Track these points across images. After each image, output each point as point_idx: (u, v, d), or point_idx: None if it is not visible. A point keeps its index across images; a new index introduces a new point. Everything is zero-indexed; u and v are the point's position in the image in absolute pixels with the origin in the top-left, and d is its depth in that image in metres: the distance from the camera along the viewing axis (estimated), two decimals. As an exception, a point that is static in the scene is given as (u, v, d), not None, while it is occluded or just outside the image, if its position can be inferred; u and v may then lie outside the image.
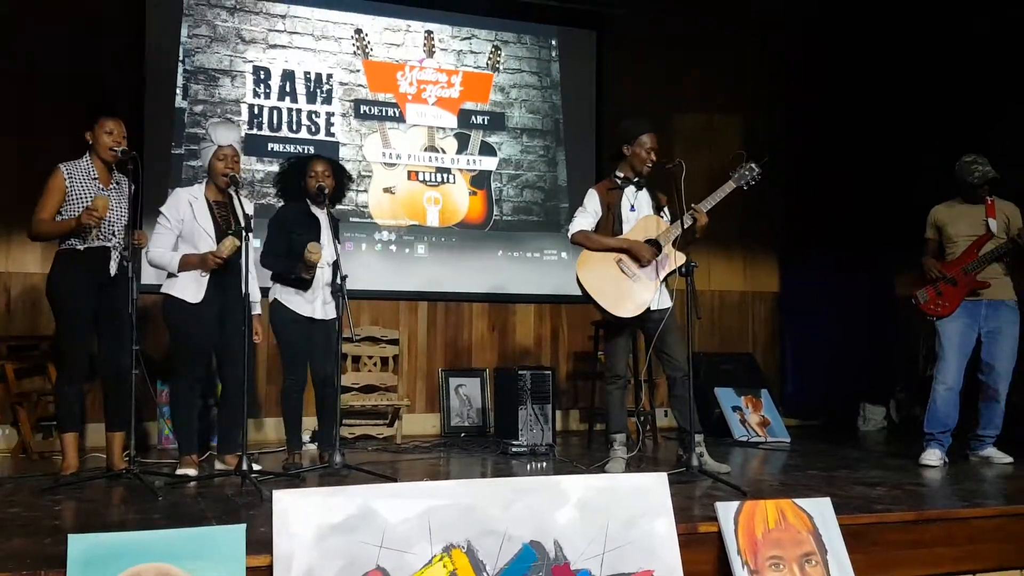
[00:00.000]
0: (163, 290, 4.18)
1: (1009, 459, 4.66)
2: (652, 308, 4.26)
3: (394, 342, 6.04)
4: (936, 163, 5.05)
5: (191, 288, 4.11)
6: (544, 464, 4.78)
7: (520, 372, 5.43)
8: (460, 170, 6.52)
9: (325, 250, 4.34)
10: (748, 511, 3.04)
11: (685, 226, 4.16)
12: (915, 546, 3.28)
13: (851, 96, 6.75)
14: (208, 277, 4.12)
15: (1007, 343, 4.67)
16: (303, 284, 4.33)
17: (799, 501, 3.14)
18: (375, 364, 5.94)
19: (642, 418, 5.46)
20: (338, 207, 4.85)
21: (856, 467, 4.63)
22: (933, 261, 4.81)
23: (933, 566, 3.30)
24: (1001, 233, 4.69)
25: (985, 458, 4.73)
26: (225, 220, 4.20)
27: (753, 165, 4.27)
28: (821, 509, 3.13)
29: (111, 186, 4.11)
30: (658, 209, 4.42)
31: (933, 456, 4.65)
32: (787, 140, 6.86)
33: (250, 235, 4.02)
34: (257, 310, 4.37)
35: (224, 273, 4.12)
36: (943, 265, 4.77)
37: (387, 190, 6.32)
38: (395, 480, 3.89)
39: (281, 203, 4.67)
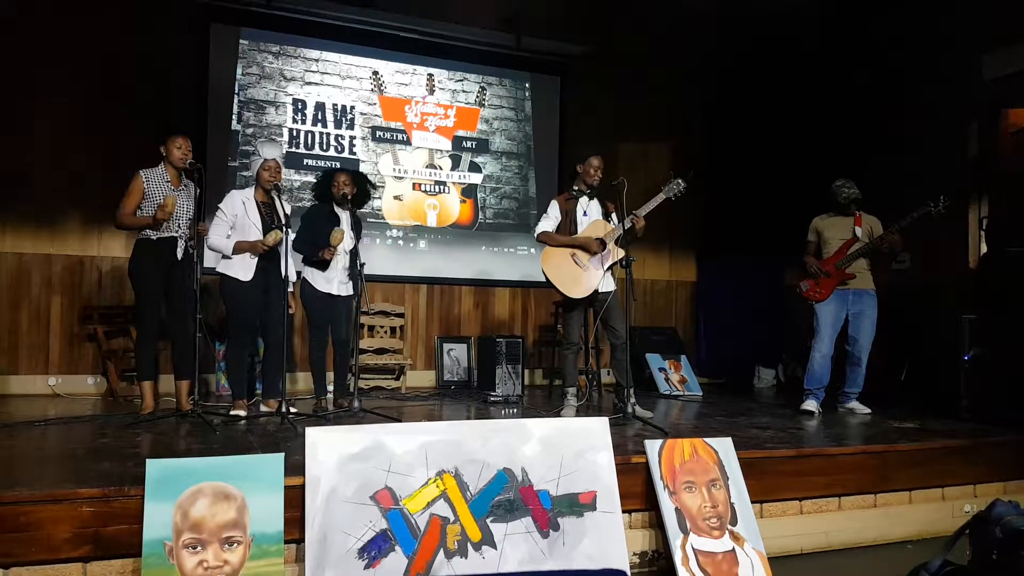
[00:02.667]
0: (219, 270, 4.13)
1: (868, 411, 4.71)
2: (599, 291, 4.27)
3: (400, 315, 6.02)
4: (817, 184, 5.09)
5: (243, 269, 4.09)
6: (515, 410, 4.80)
7: (497, 339, 5.43)
8: (453, 183, 6.49)
9: (342, 245, 4.32)
10: (669, 447, 3.07)
11: (626, 227, 4.18)
12: (796, 475, 3.32)
13: (754, 132, 6.77)
14: (256, 260, 4.09)
15: (868, 322, 4.71)
16: (323, 266, 4.29)
17: (708, 440, 3.17)
18: (386, 332, 5.93)
19: (590, 376, 5.49)
20: (359, 211, 4.78)
21: (752, 415, 4.66)
22: (813, 259, 4.84)
23: (808, 490, 3.35)
24: (865, 238, 4.73)
25: (850, 410, 4.77)
26: (269, 217, 4.16)
27: (679, 180, 4.24)
28: (725, 446, 3.17)
29: (180, 187, 4.06)
30: (606, 215, 4.41)
31: (810, 407, 4.70)
32: (705, 164, 6.89)
33: (288, 230, 4.01)
34: (291, 287, 4.33)
35: (267, 258, 4.10)
36: (821, 262, 4.81)
37: (396, 197, 6.28)
38: (400, 421, 3.89)
39: (313, 203, 4.63)
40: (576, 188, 4.43)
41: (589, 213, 4.39)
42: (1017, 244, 5.05)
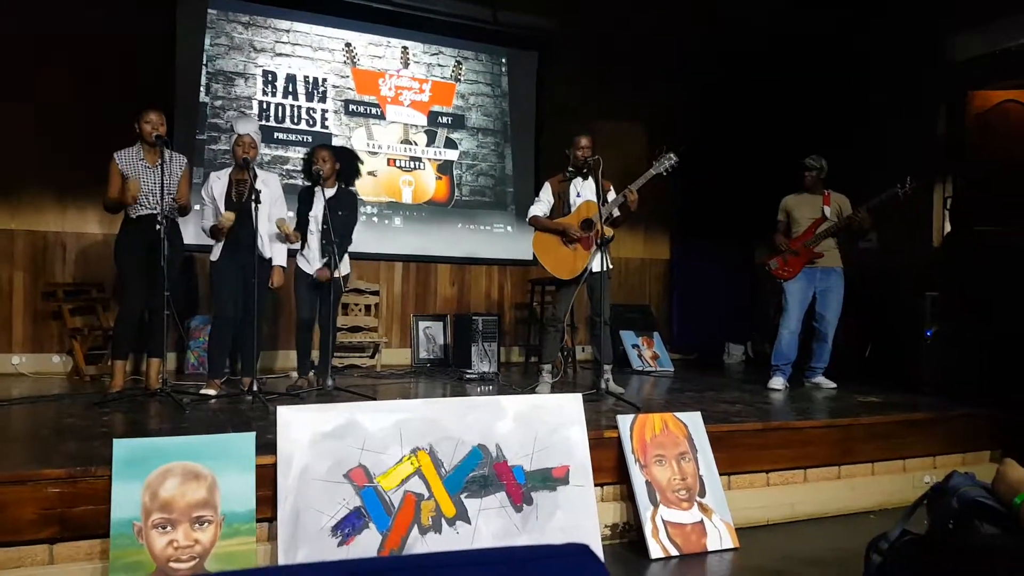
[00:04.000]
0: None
1: (833, 385, 4.78)
2: (593, 270, 4.22)
3: (375, 293, 5.96)
4: (787, 165, 5.11)
5: (215, 251, 4.09)
6: (490, 387, 4.79)
7: (473, 317, 5.42)
8: (429, 159, 6.41)
9: (314, 222, 4.24)
10: (640, 422, 3.10)
11: (619, 203, 4.14)
12: (762, 448, 3.37)
13: (729, 112, 6.77)
14: (223, 242, 4.05)
15: (835, 299, 4.76)
16: (301, 247, 4.27)
17: (678, 414, 3.21)
18: (360, 310, 5.87)
19: (565, 353, 5.50)
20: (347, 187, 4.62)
21: (721, 390, 4.71)
22: (782, 237, 4.88)
23: (775, 463, 3.40)
24: (834, 217, 4.77)
25: (816, 384, 4.84)
26: (239, 194, 4.07)
27: (672, 155, 4.19)
28: (694, 420, 3.21)
29: (157, 163, 3.94)
30: (603, 194, 4.29)
31: (778, 382, 4.75)
32: (680, 143, 6.86)
33: (259, 205, 3.91)
34: (279, 262, 4.21)
35: (237, 236, 4.02)
36: (790, 241, 4.84)
37: (371, 173, 6.17)
38: (374, 399, 3.87)
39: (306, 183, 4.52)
40: (570, 169, 4.38)
41: (583, 194, 4.33)
42: (981, 223, 5.14)
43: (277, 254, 4.19)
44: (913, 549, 1.81)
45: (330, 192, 4.28)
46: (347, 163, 4.42)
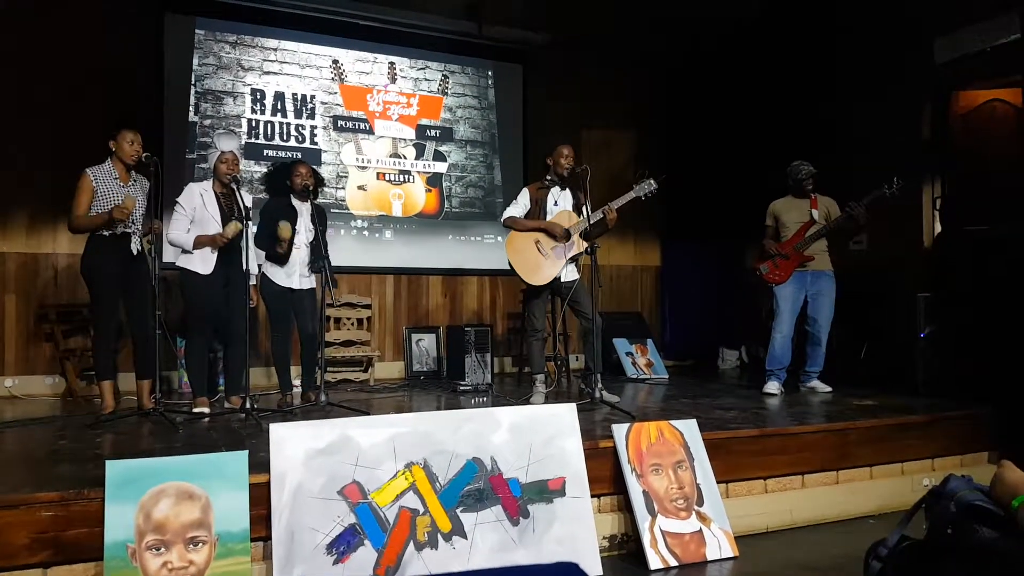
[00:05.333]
0: (179, 264, 4.06)
1: (829, 389, 4.78)
2: (563, 280, 4.27)
3: (367, 307, 5.96)
4: (774, 169, 5.14)
5: (202, 263, 4.02)
6: (484, 399, 4.78)
7: (466, 329, 5.41)
8: (418, 172, 6.42)
9: (300, 235, 4.23)
10: (636, 431, 3.09)
11: (597, 219, 4.17)
12: (759, 454, 3.36)
13: (715, 121, 6.79)
14: (216, 254, 4.01)
15: (827, 302, 4.77)
16: (281, 261, 4.21)
17: (673, 422, 3.20)
18: (353, 324, 5.87)
19: (558, 362, 5.50)
20: (321, 200, 4.67)
21: (716, 396, 4.70)
22: (771, 242, 4.89)
23: (772, 469, 3.39)
24: (822, 220, 4.79)
25: (811, 388, 4.83)
26: (228, 209, 4.08)
27: (651, 181, 4.25)
28: (690, 428, 3.20)
29: (130, 183, 3.94)
30: (577, 207, 4.34)
31: (773, 387, 4.75)
32: (667, 151, 6.91)
33: (249, 222, 3.93)
34: (253, 281, 4.23)
35: (228, 251, 4.02)
36: (779, 245, 4.85)
37: (360, 187, 6.20)
38: (368, 414, 3.84)
39: (268, 197, 4.53)
40: (549, 178, 4.42)
41: (560, 203, 4.37)
42: (971, 223, 5.17)
43: (253, 274, 4.19)
44: (912, 555, 1.81)
45: (309, 207, 4.30)
46: (318, 179, 4.45)
